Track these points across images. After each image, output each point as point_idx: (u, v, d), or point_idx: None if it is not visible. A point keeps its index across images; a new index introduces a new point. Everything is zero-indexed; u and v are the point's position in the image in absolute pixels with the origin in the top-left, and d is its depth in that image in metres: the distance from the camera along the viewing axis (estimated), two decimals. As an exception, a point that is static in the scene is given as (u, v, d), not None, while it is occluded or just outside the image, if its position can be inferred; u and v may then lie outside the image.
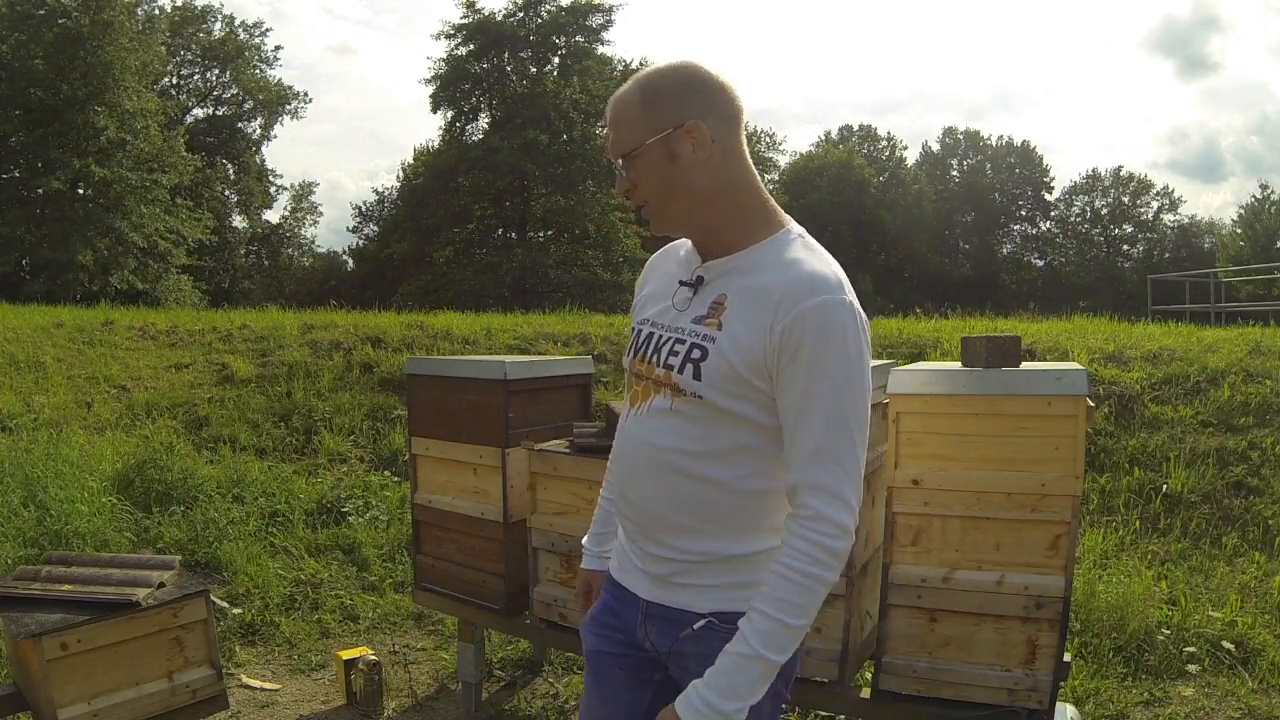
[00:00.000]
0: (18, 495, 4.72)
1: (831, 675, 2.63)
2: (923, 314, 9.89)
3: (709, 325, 1.41)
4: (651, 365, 1.47)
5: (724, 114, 1.42)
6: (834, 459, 1.31)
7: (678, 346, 1.44)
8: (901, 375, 2.58)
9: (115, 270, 22.53)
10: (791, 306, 1.32)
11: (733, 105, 1.43)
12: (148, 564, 2.87)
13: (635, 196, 1.45)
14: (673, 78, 1.42)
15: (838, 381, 1.31)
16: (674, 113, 1.39)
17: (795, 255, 1.39)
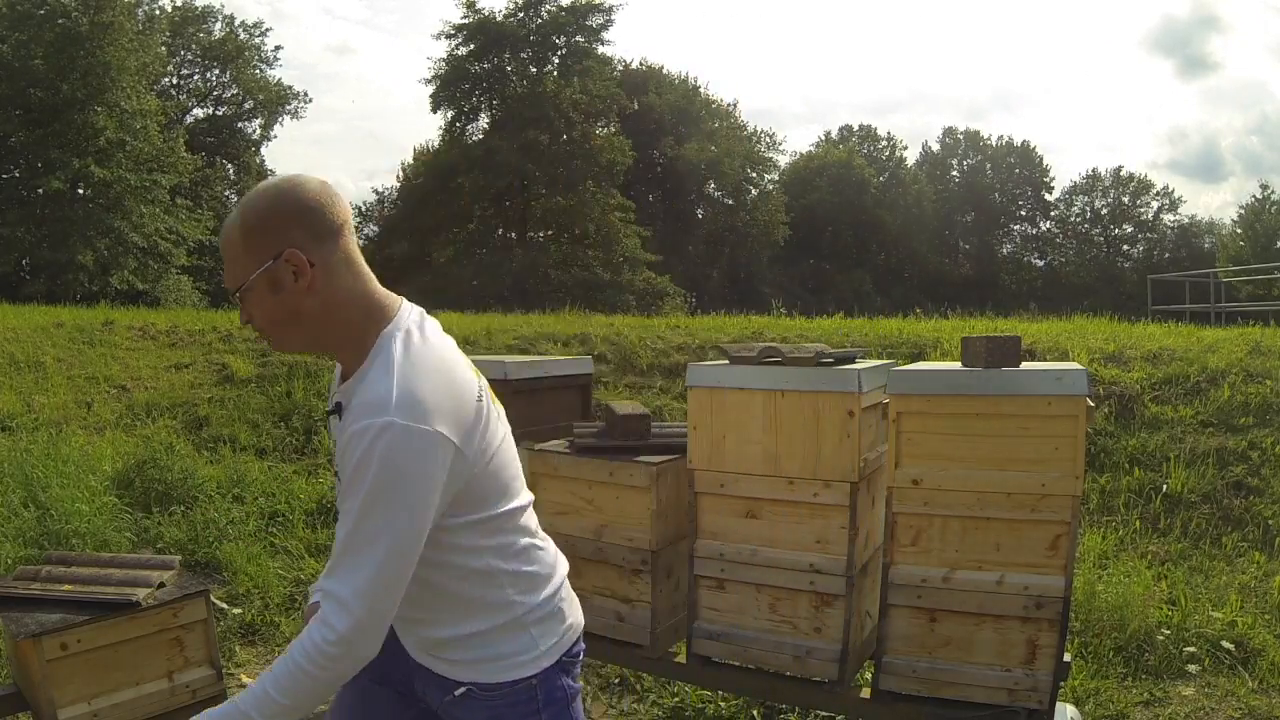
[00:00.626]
0: (18, 495, 4.72)
1: (831, 675, 2.63)
2: (923, 314, 9.89)
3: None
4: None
5: (321, 232, 1.41)
6: (348, 569, 1.35)
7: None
8: (901, 375, 2.58)
9: (115, 270, 22.50)
10: (346, 427, 1.38)
11: (330, 220, 1.42)
12: (148, 564, 2.87)
13: (254, 324, 1.46)
14: (268, 206, 1.41)
15: (365, 499, 1.33)
16: (272, 243, 1.39)
17: (374, 375, 1.39)
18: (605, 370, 6.86)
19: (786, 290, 29.18)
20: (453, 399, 1.39)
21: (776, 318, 10.46)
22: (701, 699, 3.29)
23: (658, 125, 35.96)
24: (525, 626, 1.52)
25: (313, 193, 1.42)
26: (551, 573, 1.58)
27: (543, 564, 1.57)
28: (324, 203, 1.43)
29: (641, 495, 2.85)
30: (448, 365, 1.44)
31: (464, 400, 1.42)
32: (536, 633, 1.53)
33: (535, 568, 1.55)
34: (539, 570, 1.55)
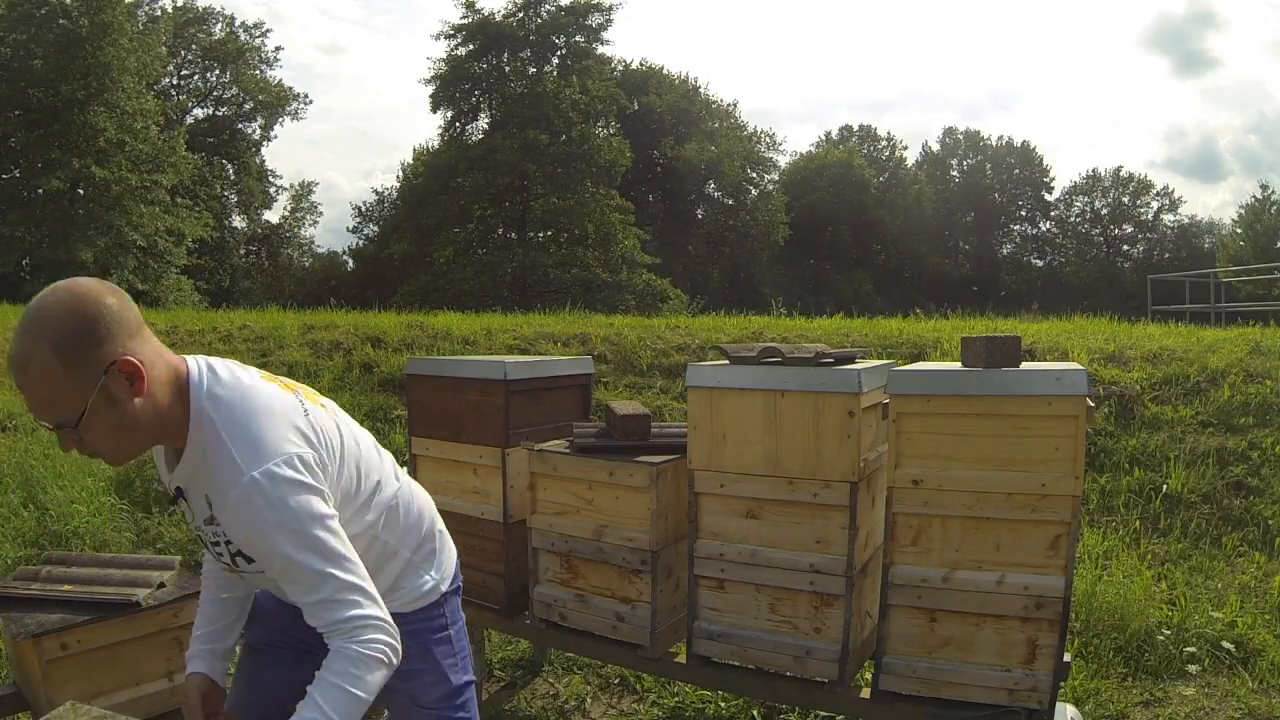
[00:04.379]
0: (18, 495, 4.72)
1: (831, 675, 2.63)
2: (923, 314, 9.89)
3: (216, 524, 1.52)
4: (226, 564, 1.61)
5: (133, 329, 1.42)
6: (333, 604, 1.47)
7: (217, 549, 1.57)
8: (901, 375, 2.58)
9: (115, 270, 22.50)
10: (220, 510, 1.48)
11: (132, 313, 1.44)
12: (148, 564, 2.87)
13: (87, 449, 1.42)
14: (77, 323, 1.34)
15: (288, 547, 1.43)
16: (97, 359, 1.36)
17: (211, 453, 1.45)
18: (605, 370, 6.86)
19: (786, 290, 29.20)
20: (280, 421, 1.47)
21: (776, 318, 10.46)
22: (701, 699, 3.29)
23: (658, 125, 35.97)
24: (416, 567, 1.78)
25: (105, 293, 1.39)
26: (422, 520, 1.81)
27: (414, 516, 1.79)
28: (119, 299, 1.41)
29: (641, 495, 2.85)
30: (258, 397, 1.49)
31: (290, 416, 1.50)
32: (424, 569, 1.80)
33: (412, 522, 1.78)
34: (415, 523, 1.79)
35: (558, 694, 3.47)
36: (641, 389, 6.61)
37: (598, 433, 3.10)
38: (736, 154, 37.26)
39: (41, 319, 1.33)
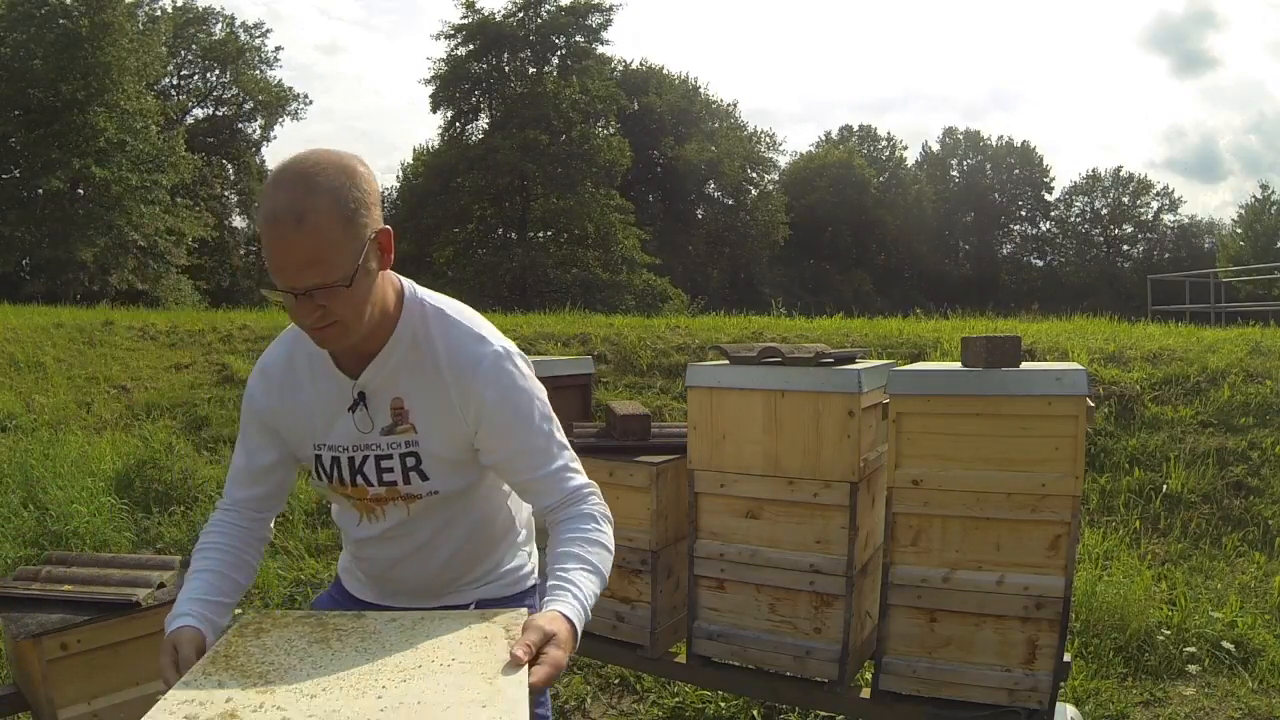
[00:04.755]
0: (18, 495, 4.72)
1: (831, 675, 2.63)
2: (923, 314, 9.89)
3: (402, 432, 1.46)
4: (363, 488, 1.50)
5: (379, 201, 1.35)
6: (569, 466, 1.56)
7: (385, 462, 1.48)
8: (901, 375, 2.58)
9: (115, 270, 22.52)
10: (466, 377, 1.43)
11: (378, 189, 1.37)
12: (148, 564, 2.87)
13: (327, 318, 1.30)
14: (353, 184, 1.27)
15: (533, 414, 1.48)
16: (368, 223, 1.30)
17: (451, 331, 1.45)
18: (605, 370, 6.86)
19: (786, 290, 29.20)
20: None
21: (776, 318, 10.46)
22: (701, 699, 3.29)
23: (658, 125, 35.97)
24: (520, 548, 1.69)
25: (362, 162, 1.33)
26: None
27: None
28: (367, 168, 1.33)
29: (641, 495, 2.85)
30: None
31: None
32: (527, 551, 1.72)
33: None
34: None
35: (558, 694, 3.47)
36: (641, 389, 6.61)
37: (598, 433, 3.10)
38: (736, 154, 37.25)
39: (317, 174, 1.25)
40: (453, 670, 1.21)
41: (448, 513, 1.53)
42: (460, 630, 1.31)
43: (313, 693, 1.15)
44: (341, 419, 1.47)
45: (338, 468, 1.49)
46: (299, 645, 1.29)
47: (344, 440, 1.48)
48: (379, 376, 1.44)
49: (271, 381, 1.51)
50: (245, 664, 1.24)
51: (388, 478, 1.48)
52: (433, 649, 1.26)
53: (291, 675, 1.20)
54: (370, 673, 1.20)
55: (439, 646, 1.27)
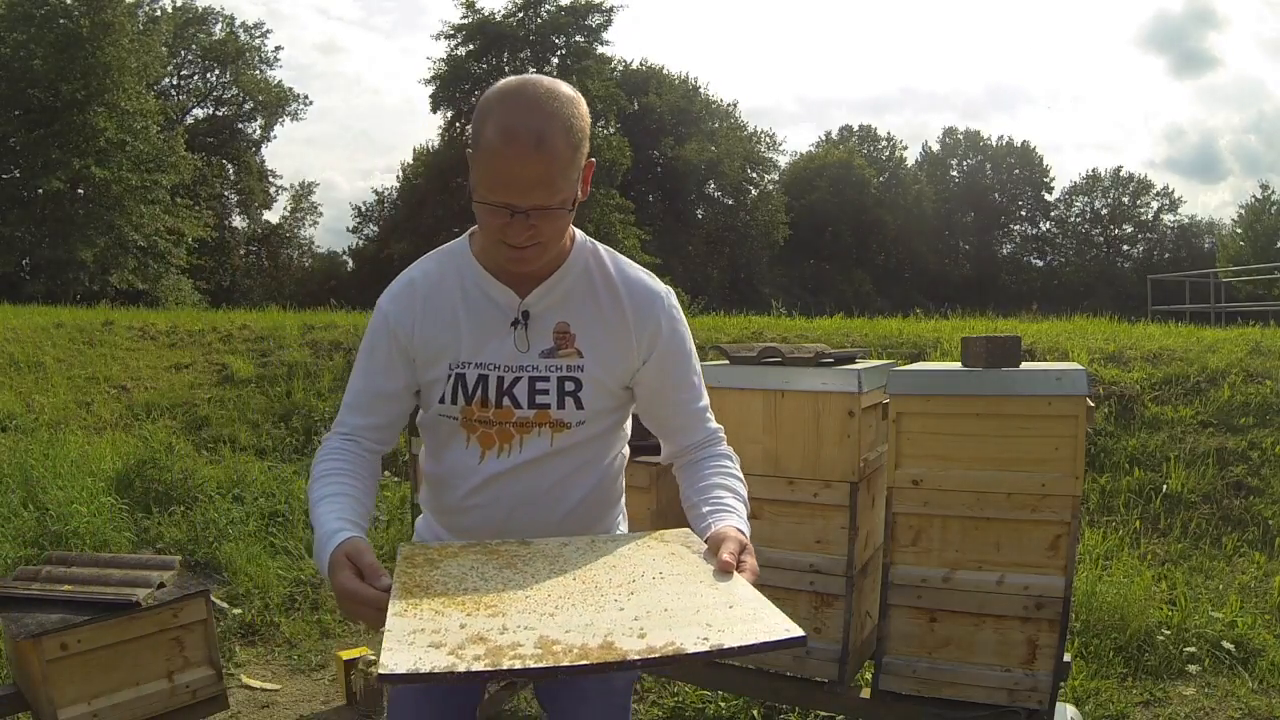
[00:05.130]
0: (18, 495, 4.71)
1: (831, 675, 2.63)
2: (923, 314, 9.89)
3: (565, 355, 1.44)
4: (509, 409, 1.43)
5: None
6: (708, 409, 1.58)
7: (541, 384, 1.43)
8: (901, 375, 2.58)
9: (115, 270, 22.52)
10: (648, 309, 1.46)
11: None
12: (148, 564, 2.87)
13: (536, 237, 1.33)
14: (580, 113, 1.32)
15: (692, 352, 1.54)
16: (584, 153, 1.34)
17: (620, 266, 1.49)
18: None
19: (786, 290, 29.19)
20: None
21: (776, 318, 10.46)
22: (701, 699, 3.29)
23: (658, 125, 35.97)
24: (623, 516, 1.68)
25: (578, 91, 1.37)
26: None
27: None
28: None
29: (642, 495, 2.85)
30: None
31: None
32: (624, 524, 1.69)
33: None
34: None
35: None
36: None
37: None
38: (736, 154, 37.26)
39: (553, 99, 1.29)
40: (669, 581, 1.20)
41: (585, 454, 1.49)
42: (644, 549, 1.31)
43: (548, 611, 1.11)
44: (496, 339, 1.43)
45: (483, 387, 1.43)
46: (488, 571, 1.23)
47: (496, 359, 1.43)
48: (546, 299, 1.44)
49: (415, 295, 1.47)
50: (446, 591, 1.17)
51: (541, 400, 1.43)
52: (631, 566, 1.25)
53: (509, 599, 1.14)
54: (588, 590, 1.17)
55: (636, 564, 1.26)
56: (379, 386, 1.48)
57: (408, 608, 1.12)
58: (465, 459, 1.47)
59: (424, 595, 1.15)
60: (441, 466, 1.51)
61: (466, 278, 1.46)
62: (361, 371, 1.50)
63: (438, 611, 1.11)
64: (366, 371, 1.49)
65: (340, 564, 1.22)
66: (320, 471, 1.42)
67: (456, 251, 1.49)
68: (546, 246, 1.36)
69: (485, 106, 1.30)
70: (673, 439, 1.56)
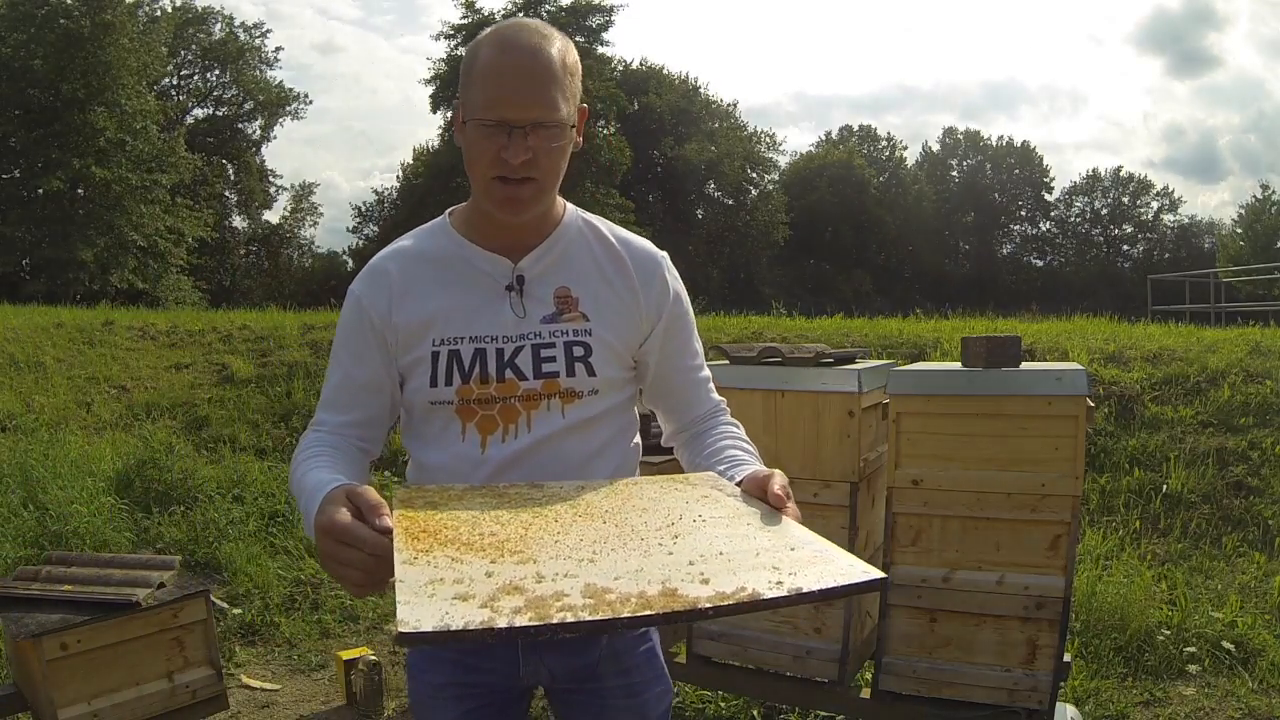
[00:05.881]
0: (18, 495, 4.72)
1: (831, 675, 2.63)
2: (923, 314, 9.90)
3: (569, 320, 1.32)
4: (512, 381, 1.29)
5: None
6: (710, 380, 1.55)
7: (546, 351, 1.30)
8: (901, 375, 2.58)
9: (115, 270, 22.53)
10: (653, 271, 1.40)
11: None
12: (148, 564, 2.87)
13: (528, 169, 1.25)
14: (570, 45, 1.28)
15: (693, 323, 1.53)
16: (579, 89, 1.30)
17: (612, 232, 1.42)
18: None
19: (786, 290, 29.21)
20: None
21: (776, 318, 10.47)
22: (701, 699, 3.29)
23: (658, 125, 35.97)
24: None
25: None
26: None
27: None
28: None
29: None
30: None
31: None
32: None
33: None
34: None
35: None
36: (641, 389, 6.61)
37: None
38: (736, 154, 37.25)
39: (545, 28, 1.26)
40: (712, 525, 1.07)
41: (602, 434, 1.35)
42: (674, 492, 1.20)
43: (586, 556, 0.97)
44: (489, 309, 1.31)
45: (480, 362, 1.28)
46: (502, 515, 1.08)
47: (492, 329, 1.30)
48: (542, 262, 1.34)
49: (389, 274, 1.34)
50: (459, 537, 1.00)
51: (548, 368, 1.30)
52: (666, 509, 1.12)
53: (536, 544, 1.00)
54: (625, 534, 1.04)
55: (670, 507, 1.13)
56: (357, 378, 1.34)
57: (417, 554, 0.94)
58: (464, 451, 1.30)
59: (434, 541, 0.99)
60: (434, 467, 1.33)
61: (448, 250, 1.35)
62: (337, 364, 1.37)
63: (454, 559, 0.94)
64: (342, 363, 1.36)
65: (335, 499, 1.05)
66: (301, 457, 1.27)
67: (434, 228, 1.40)
68: (542, 185, 1.27)
69: (474, 44, 1.30)
70: (678, 414, 1.47)
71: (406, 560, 0.93)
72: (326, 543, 1.01)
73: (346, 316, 1.37)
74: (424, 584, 0.88)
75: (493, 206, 1.29)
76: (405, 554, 0.94)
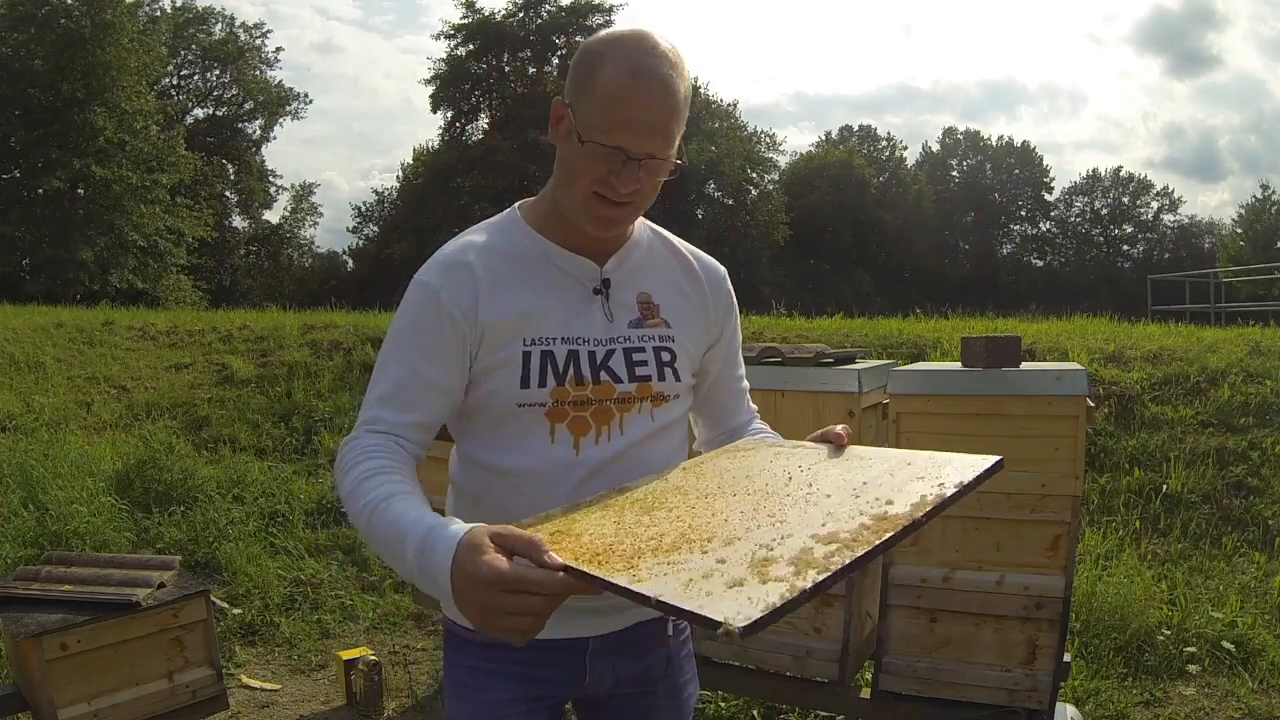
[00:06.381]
0: (18, 495, 4.72)
1: (831, 675, 2.63)
2: (923, 314, 9.90)
3: (653, 326, 1.33)
4: (608, 384, 1.28)
5: None
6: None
7: (637, 355, 1.30)
8: (901, 375, 2.58)
9: (115, 270, 22.53)
10: (721, 284, 1.42)
11: None
12: (148, 564, 2.87)
13: (639, 195, 1.23)
14: (689, 81, 1.24)
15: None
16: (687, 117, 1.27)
17: (678, 243, 1.42)
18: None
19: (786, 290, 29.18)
20: None
21: (776, 318, 10.47)
22: (702, 699, 3.29)
23: (657, 125, 35.95)
24: None
25: None
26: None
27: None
28: None
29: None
30: None
31: None
32: None
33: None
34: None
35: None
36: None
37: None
38: (736, 154, 37.25)
39: (675, 53, 1.21)
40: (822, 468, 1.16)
41: (677, 435, 1.38)
42: (746, 459, 1.26)
43: (769, 522, 0.98)
44: (579, 311, 1.28)
45: (575, 364, 1.26)
46: (627, 520, 1.06)
47: (585, 332, 1.28)
48: (623, 268, 1.33)
49: (473, 269, 1.25)
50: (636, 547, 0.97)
51: (641, 371, 1.30)
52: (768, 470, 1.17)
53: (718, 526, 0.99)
54: (771, 495, 1.06)
55: (768, 468, 1.18)
56: (428, 375, 1.23)
57: (626, 569, 0.90)
58: (555, 454, 1.26)
59: (614, 557, 0.94)
60: (520, 472, 1.27)
61: (530, 249, 1.29)
62: (402, 359, 1.24)
63: (666, 562, 0.90)
64: (409, 358, 1.24)
65: (478, 546, 0.97)
66: (364, 472, 1.15)
67: (507, 225, 1.32)
68: (639, 208, 1.26)
69: (597, 50, 1.20)
70: (719, 421, 1.49)
71: (630, 580, 0.89)
72: (491, 595, 0.95)
73: (419, 310, 1.25)
74: (683, 587, 0.86)
75: (585, 221, 1.25)
76: (619, 575, 0.90)
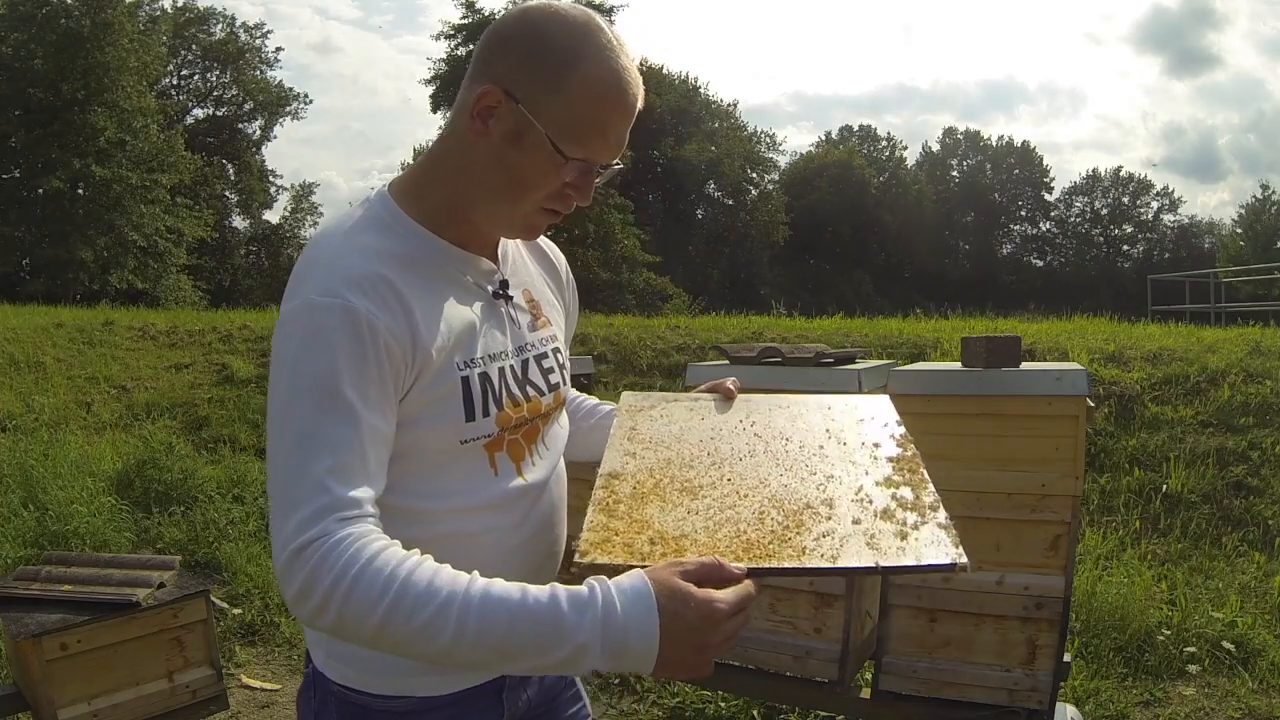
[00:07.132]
0: (18, 495, 4.72)
1: (831, 675, 2.63)
2: (923, 314, 9.90)
3: (543, 326, 1.21)
4: (536, 400, 1.14)
5: None
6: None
7: (545, 362, 1.17)
8: (901, 375, 2.58)
9: (115, 270, 22.54)
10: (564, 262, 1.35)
11: None
12: (148, 564, 2.87)
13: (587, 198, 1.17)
14: None
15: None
16: None
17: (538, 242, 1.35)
18: (605, 370, 6.85)
19: (786, 290, 29.19)
20: None
21: (776, 318, 10.47)
22: (701, 699, 3.29)
23: (658, 125, 35.96)
24: None
25: None
26: None
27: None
28: None
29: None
30: None
31: None
32: None
33: None
34: None
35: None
36: (641, 389, 6.61)
37: (598, 433, 3.09)
38: (736, 154, 37.26)
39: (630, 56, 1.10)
40: (773, 415, 1.43)
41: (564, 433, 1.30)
42: (707, 424, 1.37)
43: (819, 472, 1.14)
44: (491, 321, 1.11)
45: (506, 383, 1.09)
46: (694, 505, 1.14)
47: (500, 345, 1.11)
48: (508, 265, 1.18)
49: (393, 283, 1.00)
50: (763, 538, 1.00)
51: (553, 379, 1.18)
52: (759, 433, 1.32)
53: (784, 488, 1.10)
54: (786, 451, 1.23)
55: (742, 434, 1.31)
56: (378, 428, 0.96)
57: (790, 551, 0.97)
58: (503, 486, 1.11)
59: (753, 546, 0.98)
60: (468, 508, 1.08)
61: (427, 251, 1.07)
62: (343, 413, 0.94)
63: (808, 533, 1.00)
64: (351, 410, 0.94)
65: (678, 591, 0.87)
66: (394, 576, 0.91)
67: (388, 220, 1.07)
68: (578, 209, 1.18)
69: (573, 43, 1.01)
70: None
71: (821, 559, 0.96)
72: (720, 630, 0.87)
73: (346, 342, 0.97)
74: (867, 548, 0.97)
75: (515, 231, 1.13)
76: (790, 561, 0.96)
